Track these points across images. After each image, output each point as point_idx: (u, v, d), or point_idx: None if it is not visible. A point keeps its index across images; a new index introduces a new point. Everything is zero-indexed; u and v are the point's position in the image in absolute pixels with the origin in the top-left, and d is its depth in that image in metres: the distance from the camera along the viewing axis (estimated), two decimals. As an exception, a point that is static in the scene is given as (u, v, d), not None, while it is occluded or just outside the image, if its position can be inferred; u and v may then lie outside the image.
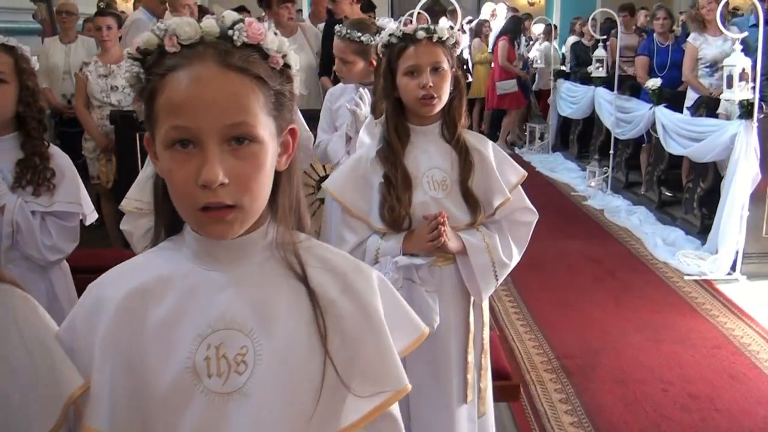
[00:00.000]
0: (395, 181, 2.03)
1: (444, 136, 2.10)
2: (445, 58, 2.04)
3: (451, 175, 2.07)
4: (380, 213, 2.03)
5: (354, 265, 1.08)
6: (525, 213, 2.18)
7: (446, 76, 2.03)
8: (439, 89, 2.02)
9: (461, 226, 2.07)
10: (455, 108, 2.09)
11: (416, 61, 2.02)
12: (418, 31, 2.02)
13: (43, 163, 2.21)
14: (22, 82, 2.17)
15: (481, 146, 2.11)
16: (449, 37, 2.04)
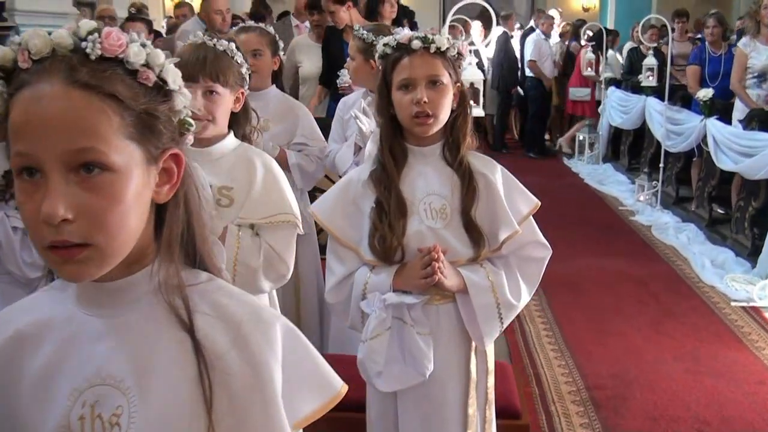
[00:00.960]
0: (388, 207, 1.87)
1: (445, 158, 1.93)
2: (446, 71, 1.87)
3: (452, 202, 1.90)
4: (370, 243, 1.88)
5: (253, 312, 0.94)
6: (537, 248, 1.99)
7: (445, 92, 1.87)
8: (436, 106, 1.85)
9: (462, 260, 1.90)
10: (459, 127, 1.92)
11: (410, 73, 1.86)
12: (413, 40, 1.86)
13: None
14: None
15: (487, 171, 1.94)
16: (449, 47, 1.88)
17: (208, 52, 1.99)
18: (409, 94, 1.85)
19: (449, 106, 1.90)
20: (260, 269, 2.01)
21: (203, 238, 0.97)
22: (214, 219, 1.98)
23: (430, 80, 1.85)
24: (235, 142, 2.12)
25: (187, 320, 0.89)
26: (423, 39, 1.85)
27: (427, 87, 1.84)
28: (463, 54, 1.94)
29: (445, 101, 1.87)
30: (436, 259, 1.79)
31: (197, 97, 1.96)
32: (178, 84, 0.91)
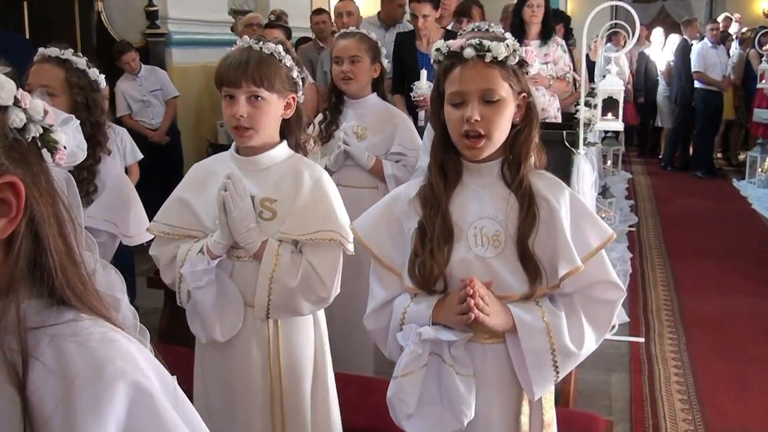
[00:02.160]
0: (432, 230, 1.64)
1: (504, 177, 1.67)
2: (504, 83, 1.61)
3: (507, 228, 1.64)
4: (409, 269, 1.65)
5: (94, 368, 0.76)
6: (607, 288, 1.67)
7: (502, 108, 1.61)
8: (490, 124, 1.60)
9: (515, 296, 1.62)
10: (521, 143, 1.66)
11: (461, 86, 1.61)
12: (465, 48, 1.60)
13: (88, 178, 2.14)
14: (72, 96, 2.09)
15: (552, 195, 1.65)
16: (509, 55, 1.60)
17: (252, 56, 1.86)
18: (460, 111, 1.61)
19: (507, 124, 1.64)
20: (298, 290, 1.85)
21: (68, 272, 0.81)
22: (252, 232, 1.85)
23: (484, 95, 1.60)
24: (287, 152, 1.97)
25: (20, 370, 0.73)
26: (476, 46, 1.60)
27: (480, 102, 1.59)
28: (528, 62, 1.65)
29: (500, 119, 1.61)
30: (471, 294, 1.53)
31: (239, 103, 1.83)
32: (9, 97, 0.75)
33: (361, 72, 3.01)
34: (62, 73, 2.11)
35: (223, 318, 1.89)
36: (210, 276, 1.85)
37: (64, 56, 2.12)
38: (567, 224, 1.62)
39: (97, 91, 2.18)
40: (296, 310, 1.90)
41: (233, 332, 1.91)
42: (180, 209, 1.96)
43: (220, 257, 1.88)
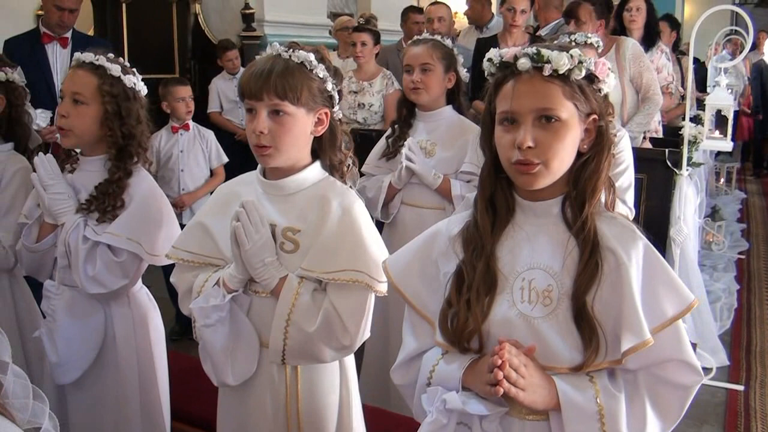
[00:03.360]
0: (471, 277, 1.37)
1: (565, 218, 1.37)
2: (567, 102, 1.31)
3: (562, 282, 1.34)
4: (440, 321, 1.39)
5: None
6: (681, 370, 1.35)
7: (563, 131, 1.31)
8: (547, 151, 1.31)
9: (564, 368, 1.33)
10: (589, 175, 1.35)
11: (513, 104, 1.32)
12: (520, 57, 1.32)
13: (116, 192, 2.01)
14: (103, 104, 1.98)
15: (621, 245, 1.33)
16: (574, 68, 1.31)
17: (277, 65, 1.63)
18: (511, 134, 1.33)
19: (570, 151, 1.34)
20: (317, 335, 1.62)
21: None
22: (268, 267, 1.64)
23: (541, 115, 1.31)
24: (319, 174, 1.74)
25: None
26: (533, 56, 1.31)
27: (535, 124, 1.31)
28: (600, 77, 1.35)
29: (560, 145, 1.31)
30: (500, 365, 1.25)
31: (260, 118, 1.63)
32: None
33: (433, 82, 2.76)
34: (95, 80, 1.98)
35: (235, 360, 1.68)
36: (220, 313, 1.65)
37: (98, 62, 1.99)
38: (637, 285, 1.31)
39: (132, 100, 2.03)
40: (316, 357, 1.67)
41: (246, 376, 1.70)
42: (200, 235, 1.77)
43: (235, 292, 1.68)
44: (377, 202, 2.91)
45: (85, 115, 1.98)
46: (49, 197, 1.97)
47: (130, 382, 2.10)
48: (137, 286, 2.15)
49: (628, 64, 3.79)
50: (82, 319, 2.02)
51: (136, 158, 2.06)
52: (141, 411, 2.13)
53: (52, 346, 1.99)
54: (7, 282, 2.30)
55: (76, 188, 2.05)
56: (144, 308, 2.15)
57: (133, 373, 2.10)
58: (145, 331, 2.14)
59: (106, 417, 2.11)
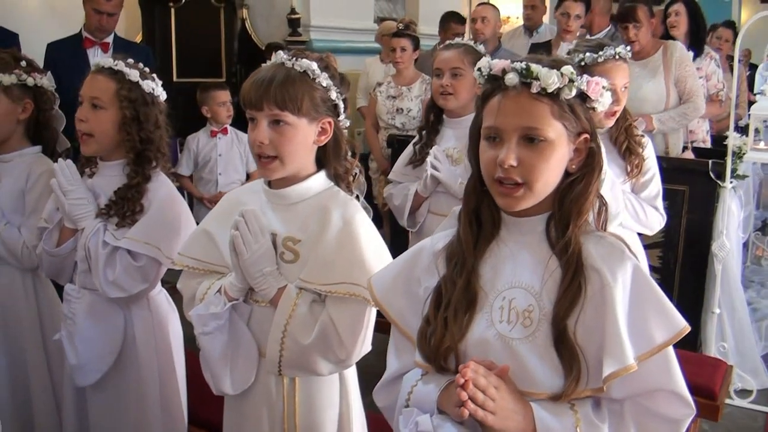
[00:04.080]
0: (450, 294, 1.33)
1: (549, 237, 1.32)
2: (555, 122, 1.26)
3: (542, 303, 1.29)
4: (419, 338, 1.36)
5: None
6: (672, 402, 1.28)
7: (548, 152, 1.26)
8: (531, 171, 1.26)
9: (543, 394, 1.27)
10: (576, 196, 1.30)
11: (496, 120, 1.28)
12: (508, 72, 1.27)
13: (134, 197, 2.03)
14: (121, 109, 2.01)
15: (607, 265, 1.27)
16: (564, 87, 1.25)
17: (278, 74, 1.62)
18: (494, 150, 1.28)
19: (555, 172, 1.29)
20: (312, 348, 1.61)
21: None
22: (267, 277, 1.63)
23: (525, 134, 1.26)
24: (323, 184, 1.73)
25: None
26: (521, 72, 1.26)
27: (520, 143, 1.26)
28: (591, 96, 1.29)
29: (544, 165, 1.26)
30: (462, 385, 1.20)
31: (260, 128, 1.62)
32: None
33: (462, 87, 2.72)
34: (113, 85, 2.01)
35: (234, 369, 1.68)
36: (218, 321, 1.64)
37: (117, 68, 2.02)
38: (623, 308, 1.24)
39: (151, 105, 2.05)
40: (312, 370, 1.65)
41: (245, 385, 1.70)
42: (205, 242, 1.77)
43: (236, 300, 1.68)
44: (403, 210, 2.89)
45: (104, 119, 2.01)
46: (69, 202, 2.00)
47: (150, 384, 2.13)
48: (156, 290, 2.18)
49: (675, 66, 3.70)
50: (102, 322, 2.05)
51: (154, 163, 2.08)
52: (161, 413, 2.15)
53: (72, 348, 2.03)
54: (30, 282, 2.35)
55: (96, 193, 2.08)
56: (163, 311, 2.18)
57: (153, 375, 2.13)
58: (165, 333, 2.16)
59: (126, 419, 2.13)
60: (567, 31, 4.47)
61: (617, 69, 2.44)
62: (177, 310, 2.21)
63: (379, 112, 4.79)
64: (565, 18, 4.48)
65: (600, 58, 2.41)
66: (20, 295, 2.33)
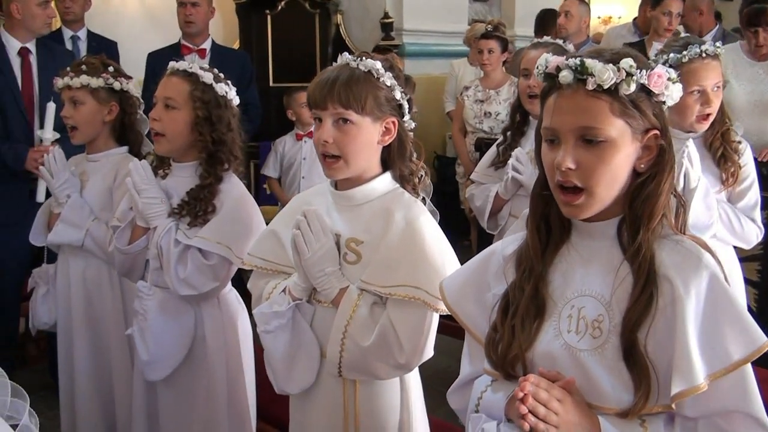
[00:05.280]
0: (517, 301, 1.28)
1: (621, 241, 1.24)
2: (616, 120, 1.18)
3: (613, 313, 1.21)
4: (486, 345, 1.31)
5: None
6: (749, 426, 1.17)
7: (608, 154, 1.19)
8: (589, 175, 1.19)
9: (612, 408, 1.19)
10: (647, 196, 1.22)
11: (552, 121, 1.22)
12: (562, 69, 1.21)
13: (207, 197, 2.08)
14: (194, 110, 2.06)
15: (680, 275, 1.18)
16: (622, 82, 1.17)
17: (342, 74, 1.61)
18: (554, 152, 1.22)
19: (618, 174, 1.21)
20: (371, 351, 1.59)
21: None
22: (329, 277, 1.63)
23: (583, 135, 1.19)
24: (388, 185, 1.71)
25: None
26: (575, 68, 1.19)
27: (577, 144, 1.19)
28: (654, 90, 1.19)
29: (605, 168, 1.19)
30: (521, 399, 1.15)
31: (325, 127, 1.61)
32: None
33: None
34: (187, 86, 2.07)
35: (296, 369, 1.68)
36: (281, 320, 1.65)
37: (191, 70, 2.08)
38: (694, 321, 1.15)
39: (224, 108, 2.10)
40: (371, 373, 1.63)
41: (306, 385, 1.70)
42: (273, 243, 1.79)
43: (299, 300, 1.68)
44: (484, 211, 2.84)
45: (176, 119, 2.06)
46: (143, 201, 2.07)
47: (218, 381, 2.17)
48: (227, 289, 2.22)
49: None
50: (172, 319, 2.11)
51: (227, 165, 2.12)
52: (228, 410, 2.19)
53: (143, 344, 2.09)
54: (117, 275, 2.44)
55: (169, 193, 2.14)
56: (233, 310, 2.22)
57: (221, 372, 2.17)
58: (234, 332, 2.20)
59: (195, 414, 2.18)
60: (668, 30, 4.27)
61: (705, 68, 2.28)
62: (247, 309, 2.24)
63: (466, 116, 4.73)
64: (667, 17, 4.29)
65: (684, 57, 2.26)
66: (106, 288, 2.44)
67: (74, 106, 2.39)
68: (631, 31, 5.35)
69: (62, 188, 2.39)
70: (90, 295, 2.45)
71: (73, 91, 2.38)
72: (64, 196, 2.39)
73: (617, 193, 1.22)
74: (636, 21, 5.34)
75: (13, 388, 0.86)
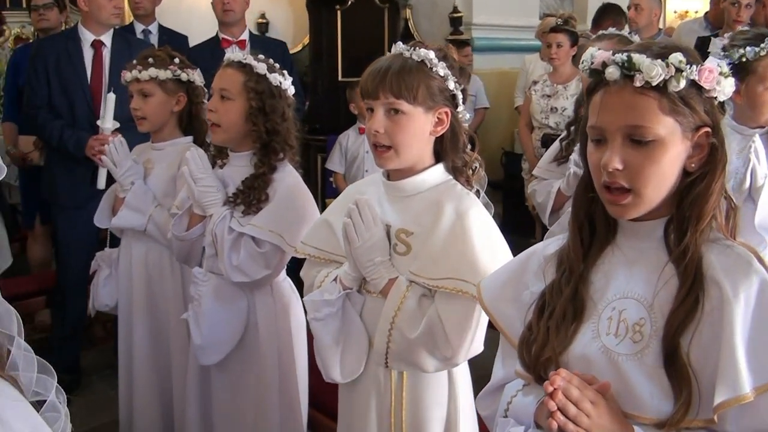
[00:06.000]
0: (555, 302, 1.24)
1: (668, 243, 1.19)
2: (666, 118, 1.13)
3: (655, 316, 1.16)
4: (519, 346, 1.27)
5: None
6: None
7: (658, 153, 1.13)
8: (637, 176, 1.14)
9: (650, 418, 1.13)
10: (696, 198, 1.16)
11: (599, 119, 1.17)
12: (609, 65, 1.16)
13: (260, 186, 2.10)
14: (248, 100, 2.08)
15: (729, 279, 1.11)
16: (671, 78, 1.11)
17: (394, 63, 1.60)
18: (599, 151, 1.17)
19: (670, 173, 1.16)
20: (418, 343, 1.58)
21: None
22: (378, 267, 1.62)
23: (631, 134, 1.14)
24: (440, 177, 1.69)
25: None
26: (622, 64, 1.14)
27: (625, 143, 1.14)
28: (705, 86, 1.13)
29: (655, 168, 1.14)
30: (551, 394, 1.10)
31: (377, 117, 1.61)
32: None
33: None
34: (241, 77, 2.09)
35: (344, 357, 1.68)
36: (331, 309, 1.65)
37: (245, 61, 2.10)
38: (742, 328, 1.08)
39: (278, 98, 2.12)
40: (418, 365, 1.62)
41: (353, 375, 1.70)
42: (325, 232, 1.79)
43: (350, 289, 1.68)
44: (545, 207, 2.78)
45: (231, 110, 2.09)
46: (199, 189, 2.11)
47: (270, 368, 2.19)
48: (281, 277, 2.24)
49: None
50: (226, 305, 2.14)
51: (282, 154, 2.14)
52: (279, 397, 2.21)
53: (197, 329, 2.13)
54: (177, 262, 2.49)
55: (225, 182, 2.17)
56: (286, 298, 2.24)
57: (273, 359, 2.19)
58: (286, 320, 2.22)
59: (247, 400, 2.22)
60: (737, 21, 4.10)
61: None
62: (300, 297, 2.26)
63: (532, 111, 4.65)
64: (735, 8, 4.12)
65: (763, 51, 2.15)
66: (167, 272, 2.50)
67: (143, 98, 2.45)
68: (702, 26, 5.16)
69: (126, 175, 2.46)
70: (151, 279, 2.52)
71: (142, 83, 2.44)
72: (128, 183, 2.46)
73: (666, 193, 1.17)
74: (707, 15, 5.16)
75: (41, 365, 0.88)
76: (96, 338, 3.98)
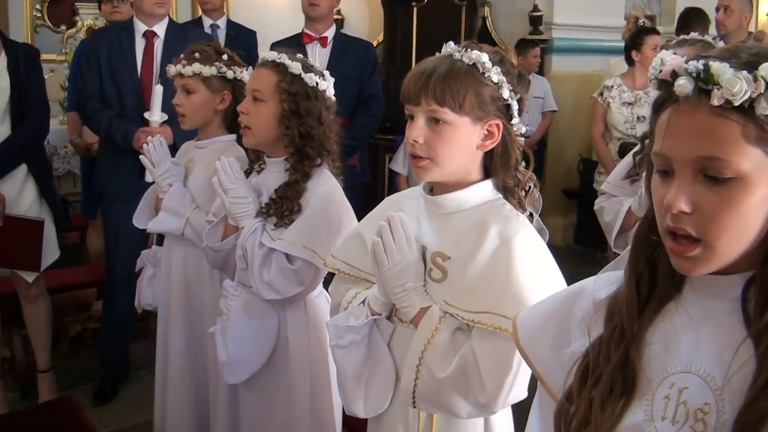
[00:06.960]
0: (599, 369, 1.01)
1: (746, 308, 0.92)
2: (752, 149, 0.85)
3: (724, 405, 0.90)
4: (556, 413, 1.05)
5: None
6: None
7: (738, 195, 0.86)
8: (711, 224, 0.87)
9: None
10: None
11: (663, 145, 0.91)
12: (680, 75, 0.90)
13: (292, 195, 1.96)
14: (280, 102, 1.95)
15: None
16: (759, 96, 0.84)
17: (441, 66, 1.41)
18: (665, 186, 0.92)
19: (754, 222, 0.88)
20: (449, 384, 1.39)
21: None
22: (410, 294, 1.45)
23: (704, 168, 0.88)
24: (488, 195, 1.49)
25: None
26: (698, 75, 0.88)
27: (697, 180, 0.88)
28: None
29: (734, 214, 0.87)
30: None
31: (416, 125, 1.43)
32: None
33: None
34: (274, 77, 1.95)
35: (368, 391, 1.52)
36: (355, 336, 1.49)
37: (279, 60, 1.96)
38: None
39: (314, 100, 1.96)
40: (448, 408, 1.42)
41: (377, 411, 1.53)
42: (358, 246, 1.62)
43: (378, 315, 1.51)
44: (612, 228, 2.53)
45: (263, 112, 1.96)
46: (229, 201, 1.99)
47: (302, 387, 2.05)
48: (316, 292, 2.09)
49: None
50: (256, 321, 2.02)
51: (319, 160, 1.99)
52: (311, 417, 2.07)
53: (224, 344, 2.01)
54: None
55: (260, 190, 2.04)
56: (321, 314, 2.07)
57: (304, 378, 2.05)
58: (320, 338, 2.05)
59: (276, 420, 2.09)
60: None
61: None
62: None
63: (614, 121, 4.34)
64: None
65: None
66: (206, 279, 2.39)
67: (186, 94, 2.34)
68: None
69: (164, 177, 2.36)
70: (189, 284, 2.41)
71: (185, 79, 2.33)
72: (165, 185, 2.36)
73: (747, 247, 0.89)
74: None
75: None
76: (151, 332, 3.96)
